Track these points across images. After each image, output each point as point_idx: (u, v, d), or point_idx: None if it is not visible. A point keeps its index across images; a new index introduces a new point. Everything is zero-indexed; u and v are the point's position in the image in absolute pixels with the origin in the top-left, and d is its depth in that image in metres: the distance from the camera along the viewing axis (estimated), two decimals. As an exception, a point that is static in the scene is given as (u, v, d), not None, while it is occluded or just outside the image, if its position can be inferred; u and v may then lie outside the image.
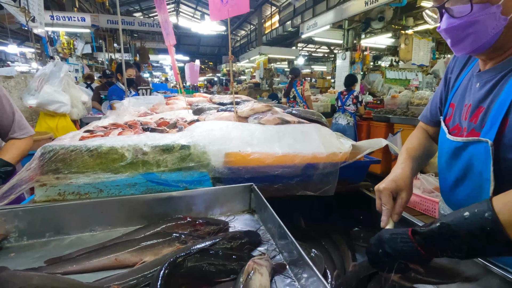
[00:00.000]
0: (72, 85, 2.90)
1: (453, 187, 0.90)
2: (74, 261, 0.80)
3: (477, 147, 0.78)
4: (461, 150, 0.84)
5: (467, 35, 0.73)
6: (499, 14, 0.68)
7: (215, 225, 1.00)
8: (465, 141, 0.82)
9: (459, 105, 0.91)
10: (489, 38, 0.72)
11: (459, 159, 0.85)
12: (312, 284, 0.66)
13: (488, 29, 0.70)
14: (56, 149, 0.97)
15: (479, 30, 0.71)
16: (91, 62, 12.84)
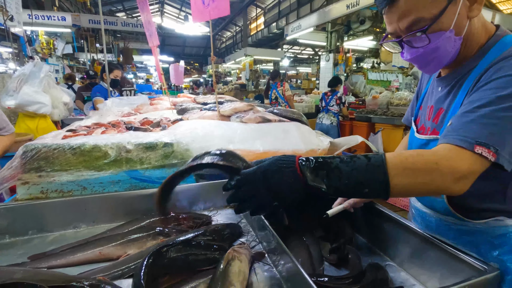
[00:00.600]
0: (53, 85, 2.84)
1: None
2: (58, 255, 0.82)
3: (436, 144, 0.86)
4: (425, 147, 0.92)
5: (432, 59, 0.80)
6: (454, 36, 0.76)
7: (198, 219, 1.03)
8: (427, 139, 0.90)
9: (425, 107, 0.99)
10: (450, 56, 0.79)
11: None
12: (288, 270, 0.71)
13: (448, 50, 0.78)
14: (39, 148, 0.98)
15: (441, 53, 0.78)
16: (72, 62, 12.51)
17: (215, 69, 10.41)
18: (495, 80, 0.69)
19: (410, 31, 0.77)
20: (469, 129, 0.66)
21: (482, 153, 0.63)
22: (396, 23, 0.78)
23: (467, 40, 0.79)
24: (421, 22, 0.74)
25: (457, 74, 0.85)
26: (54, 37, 8.77)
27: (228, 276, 0.65)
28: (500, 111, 0.65)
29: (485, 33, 0.80)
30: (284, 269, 0.74)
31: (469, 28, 0.77)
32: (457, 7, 0.73)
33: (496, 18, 7.16)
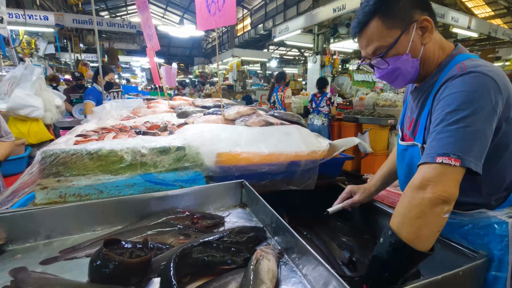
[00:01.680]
0: (45, 88, 2.80)
1: (404, 183, 1.11)
2: (87, 248, 0.86)
3: (414, 150, 0.99)
4: (405, 152, 1.05)
5: (396, 77, 0.96)
6: (411, 58, 0.91)
7: (211, 219, 1.09)
8: (406, 145, 1.04)
9: (405, 116, 1.12)
10: (412, 74, 0.95)
11: (405, 160, 1.06)
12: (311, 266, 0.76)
13: (408, 69, 0.93)
14: (57, 153, 1.01)
15: (402, 72, 0.94)
16: (52, 62, 12.10)
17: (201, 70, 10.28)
18: (443, 99, 0.82)
19: (374, 56, 0.94)
20: (430, 147, 0.79)
21: (443, 161, 0.73)
22: (365, 49, 0.96)
23: (425, 60, 0.94)
24: (381, 49, 0.91)
25: (422, 88, 1.00)
26: (35, 37, 8.50)
27: (259, 274, 0.71)
28: (450, 125, 0.77)
29: (442, 53, 0.95)
30: (307, 267, 0.80)
31: (425, 51, 0.92)
32: (410, 36, 0.89)
33: (472, 23, 7.55)
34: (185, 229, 0.97)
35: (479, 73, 0.80)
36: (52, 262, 0.86)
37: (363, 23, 0.92)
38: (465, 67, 0.83)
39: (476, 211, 0.94)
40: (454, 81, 0.82)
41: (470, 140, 0.76)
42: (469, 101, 0.77)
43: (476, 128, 0.76)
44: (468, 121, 0.76)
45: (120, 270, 0.72)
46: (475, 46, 12.59)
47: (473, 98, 0.77)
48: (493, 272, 0.92)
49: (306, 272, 0.79)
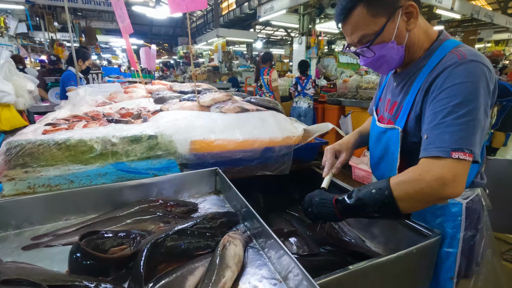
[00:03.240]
0: (15, 72, 2.66)
1: (377, 164, 1.14)
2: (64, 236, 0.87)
3: (393, 133, 1.01)
4: (382, 134, 1.07)
5: (381, 65, 0.97)
6: (396, 46, 0.91)
7: (184, 206, 1.12)
8: (385, 127, 1.05)
9: (384, 99, 1.14)
10: (397, 61, 0.95)
11: (381, 142, 1.08)
12: (274, 250, 0.81)
13: (393, 57, 0.93)
14: (23, 144, 0.99)
15: (387, 59, 0.94)
16: (25, 41, 11.40)
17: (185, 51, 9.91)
18: (447, 89, 0.82)
19: (360, 44, 0.93)
20: (442, 140, 0.78)
21: (459, 157, 0.75)
22: (349, 36, 0.94)
23: (410, 47, 0.94)
24: (366, 37, 0.90)
25: (408, 72, 1.00)
26: (4, 15, 7.95)
27: (225, 258, 0.74)
28: (460, 118, 0.78)
29: (427, 38, 0.95)
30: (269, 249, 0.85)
31: (410, 37, 0.92)
32: (396, 23, 0.88)
33: (456, 4, 7.58)
34: (165, 216, 1.00)
35: (479, 63, 0.81)
36: (34, 247, 0.88)
37: (347, 10, 0.89)
38: (465, 55, 0.82)
39: None
40: (457, 69, 0.81)
41: (477, 133, 0.78)
42: (474, 92, 0.78)
43: (480, 120, 0.78)
44: (474, 114, 0.77)
45: (98, 265, 0.73)
46: (458, 28, 12.71)
47: (477, 89, 0.78)
48: (445, 248, 1.00)
49: (270, 255, 0.83)
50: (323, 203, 0.91)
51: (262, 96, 5.23)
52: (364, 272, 0.79)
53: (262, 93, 5.26)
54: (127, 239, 0.84)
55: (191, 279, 0.72)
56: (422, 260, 0.95)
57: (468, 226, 1.00)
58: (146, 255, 0.75)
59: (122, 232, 0.86)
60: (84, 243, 0.77)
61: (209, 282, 0.69)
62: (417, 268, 0.96)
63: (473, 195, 1.02)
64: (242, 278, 0.77)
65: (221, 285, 0.68)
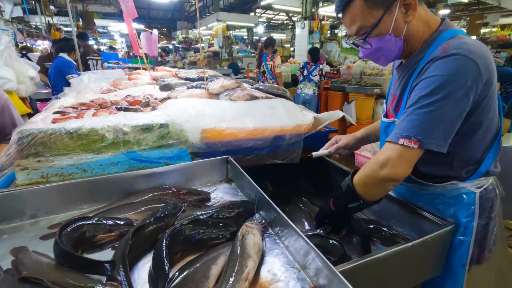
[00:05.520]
0: (16, 58, 2.60)
1: None
2: None
3: (394, 126, 1.00)
4: (387, 128, 1.08)
5: (379, 57, 0.97)
6: (394, 38, 0.90)
7: (197, 195, 1.12)
8: (388, 121, 1.07)
9: (389, 94, 1.13)
10: (396, 53, 0.95)
11: (386, 135, 1.09)
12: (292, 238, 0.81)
13: (391, 49, 0.93)
14: (34, 133, 0.98)
15: (385, 52, 0.94)
16: (21, 26, 11.13)
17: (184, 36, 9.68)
18: (422, 81, 0.85)
19: (358, 36, 0.93)
20: (398, 127, 0.86)
21: (404, 143, 0.82)
22: (349, 28, 0.95)
23: (409, 39, 0.93)
24: (363, 29, 0.90)
25: (407, 66, 1.00)
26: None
27: (246, 248, 0.75)
28: (420, 108, 0.82)
29: (427, 29, 0.94)
30: (286, 238, 0.85)
31: (408, 29, 0.91)
32: (393, 15, 0.87)
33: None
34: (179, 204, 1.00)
35: (460, 55, 0.80)
36: (52, 237, 0.87)
37: (345, 2, 0.89)
38: (448, 48, 0.83)
39: (448, 183, 1.01)
40: (435, 63, 0.83)
41: (434, 123, 0.81)
42: (442, 86, 0.80)
43: (443, 112, 0.81)
44: (437, 105, 0.80)
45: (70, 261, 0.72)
46: (464, 11, 12.41)
47: (447, 82, 0.80)
48: (459, 237, 1.01)
49: (288, 243, 0.84)
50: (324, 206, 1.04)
51: (265, 82, 5.17)
52: (382, 260, 0.80)
53: (265, 79, 5.19)
54: (115, 227, 0.85)
55: (214, 268, 0.73)
56: (436, 248, 0.96)
57: (481, 214, 1.00)
58: (166, 243, 0.76)
59: (110, 220, 0.87)
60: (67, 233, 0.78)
61: (232, 272, 0.70)
62: (431, 256, 0.97)
63: (487, 183, 1.02)
64: (261, 267, 0.77)
65: (244, 275, 0.69)
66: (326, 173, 1.58)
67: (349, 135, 1.33)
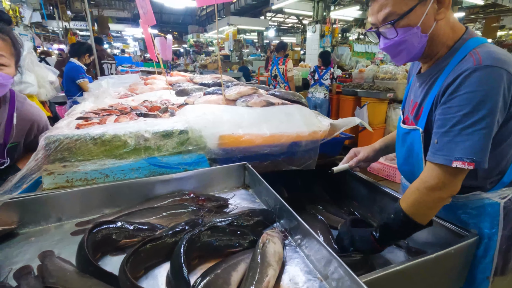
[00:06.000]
0: (37, 63, 2.70)
1: (403, 164, 1.14)
2: None
3: (415, 134, 1.00)
4: (406, 135, 1.06)
5: (400, 51, 0.93)
6: (420, 33, 0.88)
7: (216, 201, 1.13)
8: (408, 128, 1.05)
9: (408, 101, 1.12)
10: (417, 51, 0.92)
11: (405, 142, 1.08)
12: (313, 247, 0.81)
13: (414, 45, 0.90)
14: (61, 139, 1.01)
15: (408, 46, 0.91)
16: (38, 30, 11.50)
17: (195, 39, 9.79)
18: (458, 96, 0.83)
19: (384, 23, 0.90)
20: (448, 148, 0.84)
21: (457, 166, 0.81)
22: (376, 14, 0.91)
23: (433, 39, 0.91)
24: (393, 15, 0.87)
25: (430, 73, 0.98)
26: (19, 4, 8.00)
27: (266, 256, 0.75)
28: (467, 128, 0.81)
29: (452, 35, 0.92)
30: (307, 246, 0.85)
31: (435, 28, 0.89)
32: (426, 8, 0.85)
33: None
34: (199, 210, 1.01)
35: (496, 67, 0.79)
36: (81, 233, 0.92)
37: None
38: (480, 59, 0.81)
39: (471, 193, 0.99)
40: (471, 77, 0.81)
41: (483, 141, 0.81)
42: (484, 101, 0.79)
43: (488, 129, 0.80)
44: (483, 123, 0.80)
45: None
46: (480, 14, 12.16)
47: (487, 97, 0.79)
48: (482, 248, 0.98)
49: (308, 253, 0.84)
50: (364, 240, 0.97)
51: (277, 86, 5.18)
52: (405, 271, 0.79)
53: (276, 83, 5.20)
54: (139, 232, 0.87)
55: (235, 275, 0.73)
56: (459, 260, 0.95)
57: (506, 225, 0.98)
58: (185, 249, 0.77)
59: (134, 225, 0.89)
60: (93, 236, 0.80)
61: (253, 280, 0.70)
62: (454, 268, 0.95)
63: (511, 194, 0.99)
64: (282, 276, 0.78)
65: (265, 284, 0.69)
66: (342, 180, 1.57)
67: (368, 147, 1.31)
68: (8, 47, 1.06)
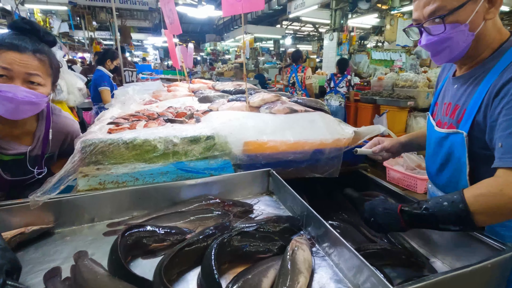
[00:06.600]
0: (67, 71, 2.85)
1: (439, 170, 1.09)
2: None
3: (456, 137, 0.96)
4: (444, 139, 1.02)
5: (444, 49, 0.90)
6: (467, 31, 0.85)
7: (241, 206, 1.14)
8: (447, 132, 1.00)
9: (441, 104, 1.09)
10: (461, 50, 0.89)
11: (443, 147, 1.03)
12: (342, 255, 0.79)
13: (459, 43, 0.87)
14: (96, 143, 1.06)
15: (453, 44, 0.88)
16: (64, 40, 12.14)
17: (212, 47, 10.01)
18: None
19: (431, 17, 0.87)
20: None
21: None
22: (421, 9, 0.88)
23: (479, 39, 0.88)
24: (442, 10, 0.84)
25: (473, 73, 0.94)
26: (49, 15, 8.49)
27: (296, 263, 0.75)
28: None
29: (499, 37, 0.89)
30: (335, 254, 0.84)
31: (483, 28, 0.86)
32: (477, 6, 0.82)
33: (504, -5, 7.02)
34: (225, 215, 1.02)
35: None
36: (112, 234, 0.96)
37: None
38: None
39: None
40: None
41: None
42: None
43: None
44: None
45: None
46: (504, 20, 11.78)
47: None
48: (520, 263, 0.93)
49: (338, 261, 0.83)
50: (388, 213, 0.87)
51: (294, 93, 5.19)
52: (438, 284, 0.77)
53: (294, 90, 5.22)
54: (169, 236, 0.89)
55: (265, 281, 0.73)
56: (495, 275, 0.90)
57: (546, 238, 0.93)
58: (215, 253, 0.77)
59: (164, 229, 0.90)
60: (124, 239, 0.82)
61: (284, 286, 0.70)
62: (490, 283, 0.91)
63: None
64: (312, 284, 0.77)
65: (297, 291, 0.69)
66: (365, 189, 1.55)
67: (393, 139, 1.28)
68: (45, 68, 1.11)
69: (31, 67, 1.05)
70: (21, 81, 1.04)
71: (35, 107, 1.11)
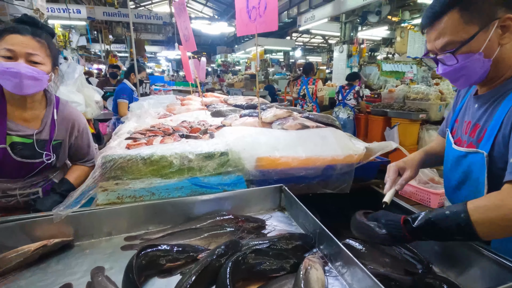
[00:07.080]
0: (85, 84, 2.96)
1: (456, 188, 1.08)
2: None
3: (475, 157, 0.96)
4: (463, 158, 1.01)
5: (460, 76, 0.92)
6: (483, 58, 0.85)
7: (254, 222, 1.15)
8: (466, 151, 1.00)
9: (461, 121, 1.08)
10: (479, 76, 0.90)
11: (461, 165, 1.03)
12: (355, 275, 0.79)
13: (476, 70, 0.88)
14: (116, 159, 1.11)
15: (469, 72, 0.89)
16: (81, 52, 12.64)
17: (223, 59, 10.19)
18: None
19: (443, 51, 0.88)
20: None
21: None
22: (433, 42, 0.90)
23: (498, 62, 0.88)
24: (451, 45, 0.86)
25: (493, 94, 0.94)
26: (68, 30, 8.89)
27: (309, 282, 0.75)
28: None
29: None
30: (348, 274, 0.84)
31: (500, 52, 0.86)
32: (488, 34, 0.82)
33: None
34: (237, 231, 1.04)
35: None
36: (129, 249, 0.99)
37: (438, 14, 0.85)
38: None
39: None
40: None
41: None
42: None
43: None
44: None
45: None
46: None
47: None
48: (540, 287, 0.91)
49: (351, 281, 0.83)
50: (391, 224, 0.86)
51: (304, 105, 5.22)
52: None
53: (304, 102, 5.25)
54: (182, 254, 0.90)
55: (279, 300, 0.74)
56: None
57: None
58: (230, 272, 0.79)
59: (178, 247, 0.92)
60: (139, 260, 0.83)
61: (298, 306, 0.71)
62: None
63: None
64: (326, 304, 0.77)
65: (310, 311, 0.69)
66: (376, 207, 1.53)
67: (410, 162, 1.16)
68: (43, 49, 1.23)
69: (31, 47, 1.18)
70: (23, 60, 1.17)
71: (38, 83, 1.21)
